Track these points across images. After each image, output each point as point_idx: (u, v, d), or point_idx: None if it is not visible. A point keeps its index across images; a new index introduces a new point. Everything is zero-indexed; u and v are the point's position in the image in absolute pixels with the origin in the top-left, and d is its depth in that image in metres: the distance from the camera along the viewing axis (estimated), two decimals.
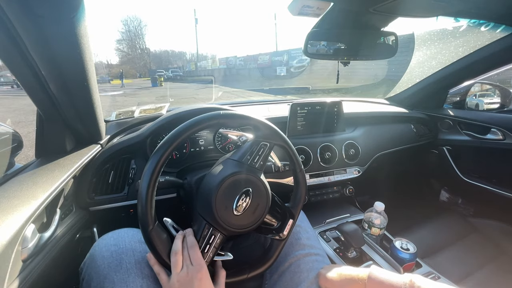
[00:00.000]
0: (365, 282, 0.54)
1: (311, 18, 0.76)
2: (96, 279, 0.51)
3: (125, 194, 0.81)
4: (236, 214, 0.51)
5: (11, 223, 0.46)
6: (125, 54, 50.11)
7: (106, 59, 56.63)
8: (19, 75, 0.60)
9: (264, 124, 0.56)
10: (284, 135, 0.58)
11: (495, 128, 1.14)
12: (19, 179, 0.61)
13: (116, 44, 51.40)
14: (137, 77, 40.52)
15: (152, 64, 49.60)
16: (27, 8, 0.50)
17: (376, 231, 0.81)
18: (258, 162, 0.55)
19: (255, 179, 0.53)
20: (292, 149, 0.59)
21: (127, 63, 48.64)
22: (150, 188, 0.46)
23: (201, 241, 0.50)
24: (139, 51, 49.24)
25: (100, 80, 29.68)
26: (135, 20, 51.20)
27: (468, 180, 1.25)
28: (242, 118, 0.54)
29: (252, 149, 0.56)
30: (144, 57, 49.33)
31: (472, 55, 1.11)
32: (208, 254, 0.51)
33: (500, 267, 0.97)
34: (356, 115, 1.25)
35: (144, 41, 49.99)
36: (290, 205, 0.62)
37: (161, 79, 20.27)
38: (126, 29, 49.68)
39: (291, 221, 0.60)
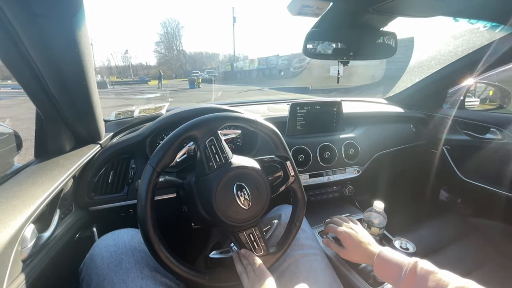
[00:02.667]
0: (374, 257, 0.60)
1: (311, 18, 0.76)
2: (96, 280, 0.51)
3: (124, 194, 0.81)
4: (248, 207, 0.53)
5: (11, 223, 0.46)
6: (162, 56, 51.96)
7: (145, 61, 58.79)
8: (18, 75, 0.60)
9: (192, 126, 0.52)
10: (213, 116, 0.54)
11: (494, 127, 1.14)
12: (19, 179, 0.61)
13: (155, 46, 53.62)
14: (172, 78, 41.08)
15: (187, 65, 51.00)
16: (26, 7, 0.49)
17: (376, 230, 0.81)
18: (221, 157, 0.53)
19: (234, 172, 0.53)
20: (235, 117, 0.56)
21: (164, 64, 50.01)
22: (149, 189, 0.46)
23: (247, 246, 0.54)
24: (175, 52, 50.77)
25: (139, 81, 32.62)
26: (173, 22, 52.44)
27: (467, 179, 1.25)
28: (171, 144, 0.50)
29: (206, 154, 0.53)
30: (180, 58, 50.92)
31: (471, 55, 1.11)
32: (260, 246, 0.56)
33: (499, 266, 0.97)
34: (355, 115, 1.25)
35: (181, 42, 51.69)
36: (277, 154, 0.63)
37: (199, 80, 19.68)
38: (164, 31, 51.68)
39: (288, 162, 0.62)
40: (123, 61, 52.56)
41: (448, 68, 1.23)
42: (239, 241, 0.55)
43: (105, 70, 51.97)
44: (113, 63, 53.92)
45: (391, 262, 0.56)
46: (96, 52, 74.16)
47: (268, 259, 0.56)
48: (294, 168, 0.63)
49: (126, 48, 51.92)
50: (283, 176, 0.63)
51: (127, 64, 50.80)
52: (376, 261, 0.59)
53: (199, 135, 0.52)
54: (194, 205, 0.59)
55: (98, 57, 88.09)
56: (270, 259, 0.57)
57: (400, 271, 0.53)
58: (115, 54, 76.32)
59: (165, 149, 0.49)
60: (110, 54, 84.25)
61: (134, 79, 35.68)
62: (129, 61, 50.36)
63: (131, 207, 0.83)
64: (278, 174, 0.62)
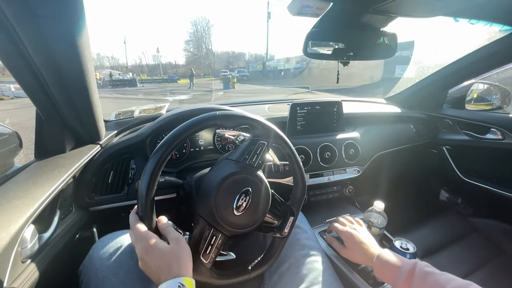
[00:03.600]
0: (374, 259, 0.60)
1: (311, 18, 0.76)
2: (95, 281, 0.51)
3: (124, 194, 0.81)
4: (237, 214, 0.51)
5: (11, 224, 0.46)
6: (191, 55, 52.36)
7: (174, 60, 59.49)
8: (18, 75, 0.60)
9: (262, 123, 0.55)
10: (282, 134, 0.58)
11: (494, 127, 1.14)
12: (19, 179, 0.61)
13: (184, 45, 54.27)
14: (201, 76, 40.84)
15: (215, 64, 50.61)
16: (26, 8, 0.49)
17: (376, 230, 0.81)
18: (256, 161, 0.55)
19: (254, 178, 0.53)
20: (291, 148, 0.59)
21: (192, 63, 49.91)
22: (149, 189, 0.46)
23: (202, 242, 0.50)
24: (204, 51, 50.83)
25: (168, 79, 31.79)
26: (203, 20, 52.35)
27: (467, 179, 1.25)
28: (239, 118, 0.54)
29: (250, 148, 0.55)
30: (209, 57, 50.76)
31: (471, 55, 1.11)
32: (210, 255, 0.51)
33: (499, 266, 0.97)
34: (355, 115, 1.25)
35: (210, 41, 51.52)
36: (290, 203, 0.62)
37: (234, 80, 17.32)
38: (194, 29, 51.79)
39: (292, 219, 0.60)
40: (153, 59, 53.28)
41: (448, 68, 1.23)
42: (200, 230, 0.51)
43: (136, 69, 52.44)
44: (144, 61, 54.66)
45: (390, 263, 0.57)
46: (128, 50, 74.15)
47: (201, 271, 0.50)
48: (292, 227, 0.60)
49: (157, 46, 54.10)
50: (277, 225, 0.60)
51: (157, 62, 51.19)
52: (375, 262, 0.60)
53: (259, 130, 0.55)
54: (193, 205, 0.59)
55: (130, 56, 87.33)
56: (202, 272, 0.51)
57: (399, 272, 0.53)
58: (146, 53, 76.17)
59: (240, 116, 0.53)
60: (142, 53, 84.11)
61: (164, 78, 34.96)
62: (159, 60, 50.77)
63: (131, 207, 0.83)
64: (274, 220, 0.59)
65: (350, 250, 0.68)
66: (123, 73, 37.92)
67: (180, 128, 0.50)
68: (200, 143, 0.96)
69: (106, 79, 23.78)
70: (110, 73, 28.61)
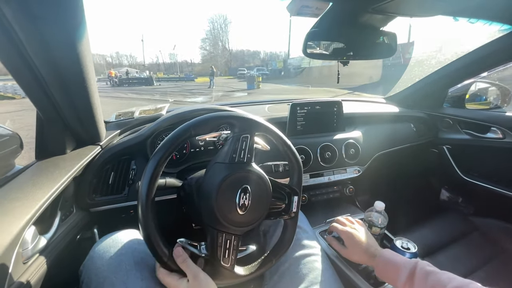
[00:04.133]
0: (375, 258, 0.61)
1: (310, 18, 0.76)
2: (96, 281, 0.51)
3: (125, 195, 0.81)
4: (242, 213, 0.51)
5: (12, 225, 0.46)
6: (207, 53, 51.74)
7: (190, 58, 59.40)
8: (18, 76, 0.60)
9: (238, 117, 0.54)
10: (260, 120, 0.56)
11: (495, 126, 1.14)
12: (19, 180, 0.61)
13: (200, 43, 53.83)
14: (217, 75, 39.27)
15: (232, 62, 49.86)
16: (26, 8, 0.50)
17: (377, 230, 0.81)
18: (245, 156, 0.54)
19: (248, 174, 0.53)
20: (274, 131, 0.57)
21: (209, 61, 48.95)
22: (150, 190, 0.46)
23: (218, 249, 0.51)
24: (221, 48, 50.07)
25: (185, 78, 30.89)
26: (221, 17, 51.71)
27: (468, 179, 1.25)
28: (213, 120, 0.53)
29: (235, 146, 0.54)
30: (226, 55, 49.95)
31: (471, 54, 1.11)
32: (230, 258, 0.52)
33: (500, 265, 0.97)
34: (356, 115, 1.25)
35: (227, 38, 50.73)
36: (290, 183, 0.62)
37: (259, 79, 15.81)
38: (211, 27, 51.10)
39: (296, 198, 0.60)
40: (169, 58, 53.11)
41: (448, 67, 1.23)
42: (212, 238, 0.51)
43: (153, 67, 52.05)
44: (160, 60, 54.24)
45: (392, 263, 0.57)
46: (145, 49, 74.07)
47: (227, 275, 0.52)
48: (299, 206, 0.61)
49: (174, 44, 53.50)
50: (283, 208, 0.60)
51: (173, 61, 51.02)
52: (376, 262, 0.60)
53: (238, 125, 0.54)
54: (194, 205, 0.59)
55: (147, 54, 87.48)
56: (228, 275, 0.53)
57: (400, 272, 0.54)
58: (163, 51, 75.31)
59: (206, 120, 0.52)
60: (159, 51, 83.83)
61: (180, 76, 33.99)
62: (175, 58, 50.69)
63: (132, 208, 0.83)
64: (279, 204, 0.60)
65: (351, 250, 0.68)
66: (140, 71, 37.09)
67: (225, 113, 0.52)
68: (200, 143, 0.96)
69: (123, 77, 22.96)
70: (127, 71, 27.64)
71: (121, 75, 24.94)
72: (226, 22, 50.03)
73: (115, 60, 62.14)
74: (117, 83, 20.46)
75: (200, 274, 0.48)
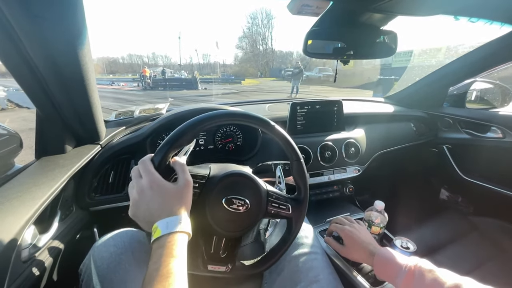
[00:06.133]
0: (374, 257, 0.60)
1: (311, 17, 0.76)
2: (96, 280, 0.51)
3: (125, 194, 0.81)
4: (244, 211, 0.51)
5: (12, 224, 0.46)
6: (244, 53, 46.14)
7: (223, 59, 55.36)
8: (18, 76, 0.60)
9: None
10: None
11: (495, 126, 1.14)
12: (19, 180, 0.61)
13: (237, 42, 48.22)
14: (258, 76, 35.16)
15: (274, 62, 44.36)
16: (26, 8, 0.49)
17: (376, 229, 0.81)
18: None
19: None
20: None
21: (246, 61, 44.52)
22: (178, 139, 0.47)
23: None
24: (263, 46, 44.11)
25: (225, 79, 24.62)
26: (262, 12, 45.27)
27: (468, 178, 1.25)
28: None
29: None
30: (268, 54, 43.70)
31: (472, 53, 1.11)
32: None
33: (500, 265, 0.97)
34: (356, 114, 1.25)
35: (271, 35, 44.09)
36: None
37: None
38: (251, 23, 44.59)
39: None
40: (203, 58, 50.34)
41: (448, 66, 1.23)
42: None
43: (187, 67, 47.49)
44: (195, 60, 50.36)
45: (391, 261, 0.57)
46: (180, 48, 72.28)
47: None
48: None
49: (216, 40, 44.93)
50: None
51: (206, 61, 48.28)
52: (375, 260, 0.60)
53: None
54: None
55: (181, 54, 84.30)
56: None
57: (399, 270, 0.54)
58: (198, 50, 71.54)
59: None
60: (195, 50, 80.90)
61: (221, 77, 28.59)
62: (208, 59, 47.75)
63: None
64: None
65: (350, 249, 0.68)
66: (175, 71, 32.06)
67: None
68: (200, 142, 0.96)
69: (158, 78, 17.98)
70: (163, 70, 21.61)
71: (156, 75, 19.78)
72: (270, 17, 43.98)
73: (151, 61, 61.22)
74: (150, 85, 15.86)
75: (191, 185, 0.45)
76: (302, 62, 12.17)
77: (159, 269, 0.35)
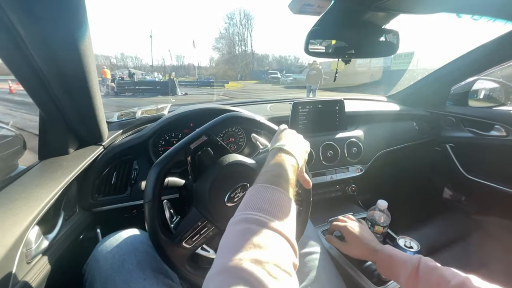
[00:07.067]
0: (376, 253, 0.60)
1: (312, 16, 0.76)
2: (99, 280, 0.51)
3: (128, 195, 0.81)
4: (230, 205, 0.52)
5: (15, 225, 0.46)
6: (221, 55, 44.19)
7: (197, 61, 51.18)
8: (21, 77, 0.61)
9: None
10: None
11: (498, 124, 1.13)
12: (23, 181, 0.61)
13: (214, 43, 45.78)
14: (238, 79, 32.76)
15: (255, 64, 42.72)
16: (29, 9, 0.50)
17: (380, 229, 0.80)
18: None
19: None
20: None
21: (224, 63, 42.37)
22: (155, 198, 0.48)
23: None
24: (242, 47, 42.28)
25: (199, 82, 20.19)
26: (241, 12, 43.87)
27: (471, 177, 1.24)
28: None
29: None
30: (247, 55, 42.19)
31: (474, 51, 1.10)
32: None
33: (504, 265, 0.96)
34: (358, 113, 1.24)
35: (250, 35, 42.19)
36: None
37: None
38: (229, 23, 42.73)
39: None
40: (176, 60, 47.13)
41: (451, 65, 1.22)
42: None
43: (159, 69, 43.13)
44: (168, 61, 47.21)
45: (395, 258, 0.56)
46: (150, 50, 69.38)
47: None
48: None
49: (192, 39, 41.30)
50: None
51: (180, 63, 45.33)
52: (379, 257, 0.60)
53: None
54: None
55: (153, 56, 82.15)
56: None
57: (404, 267, 0.53)
58: (171, 51, 67.98)
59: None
60: (168, 50, 76.54)
61: (198, 80, 24.63)
62: (182, 60, 45.01)
63: (134, 207, 0.84)
64: None
65: (352, 245, 0.67)
66: (146, 73, 28.48)
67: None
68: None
69: (125, 81, 14.41)
70: (130, 71, 17.93)
71: (123, 77, 16.18)
72: (248, 17, 42.13)
73: (119, 62, 57.02)
74: (115, 90, 12.56)
75: None
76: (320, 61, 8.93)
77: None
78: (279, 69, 30.65)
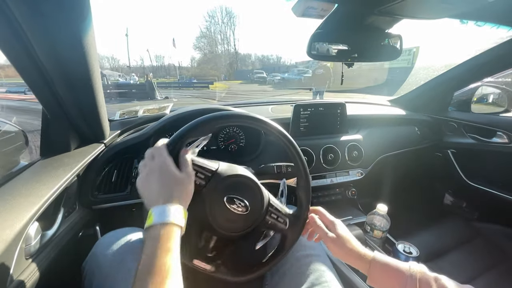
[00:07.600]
0: (369, 261, 0.52)
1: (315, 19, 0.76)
2: (98, 277, 0.51)
3: (127, 193, 0.82)
4: (245, 213, 0.50)
5: (15, 221, 0.47)
6: (204, 53, 41.57)
7: (178, 61, 48.02)
8: (25, 74, 0.61)
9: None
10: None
11: (500, 131, 1.13)
12: (24, 177, 0.61)
13: (195, 42, 42.80)
14: (221, 79, 30.19)
15: (239, 64, 40.25)
16: (33, 6, 0.50)
17: (379, 233, 0.80)
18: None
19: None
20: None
21: (206, 63, 39.48)
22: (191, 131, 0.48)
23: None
24: (225, 46, 40.41)
25: (181, 84, 19.07)
26: (222, 10, 41.71)
27: (472, 183, 1.23)
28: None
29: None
30: (231, 54, 40.47)
31: (477, 57, 1.10)
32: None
33: (504, 272, 0.95)
34: (359, 117, 1.24)
35: (233, 32, 40.27)
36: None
37: None
38: (210, 21, 40.37)
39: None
40: (156, 60, 43.20)
41: (454, 70, 1.22)
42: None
43: (138, 70, 38.80)
44: (147, 62, 43.70)
45: (390, 265, 0.51)
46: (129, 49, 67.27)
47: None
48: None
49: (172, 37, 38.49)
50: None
51: (160, 64, 42.29)
52: (373, 267, 0.52)
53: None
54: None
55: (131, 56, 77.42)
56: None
57: (403, 278, 0.49)
58: (150, 51, 64.19)
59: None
60: (146, 50, 71.66)
61: (180, 81, 22.50)
62: (162, 60, 41.87)
63: (134, 206, 0.84)
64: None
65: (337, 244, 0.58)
66: (123, 74, 24.98)
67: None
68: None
69: None
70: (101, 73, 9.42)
71: None
72: (231, 14, 40.43)
73: None
74: None
75: (193, 179, 0.46)
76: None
77: (152, 264, 0.34)
78: (263, 69, 29.72)
